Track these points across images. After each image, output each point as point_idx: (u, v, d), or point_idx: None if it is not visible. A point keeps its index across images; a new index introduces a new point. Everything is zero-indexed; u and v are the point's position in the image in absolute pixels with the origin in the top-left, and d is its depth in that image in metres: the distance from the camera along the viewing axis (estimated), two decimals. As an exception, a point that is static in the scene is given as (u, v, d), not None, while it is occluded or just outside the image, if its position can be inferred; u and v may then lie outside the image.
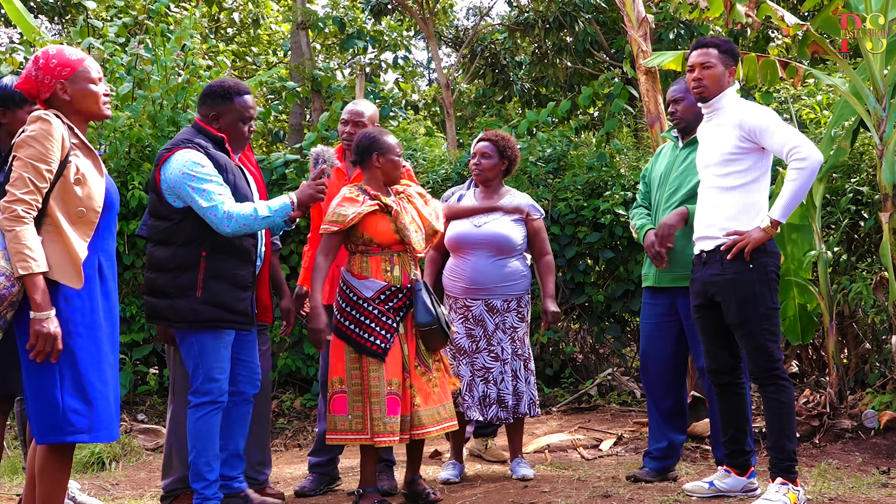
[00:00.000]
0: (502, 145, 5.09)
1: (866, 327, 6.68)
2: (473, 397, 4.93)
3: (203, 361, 4.05)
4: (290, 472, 5.68)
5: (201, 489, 4.03)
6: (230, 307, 4.07)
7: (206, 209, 3.94)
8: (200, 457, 4.04)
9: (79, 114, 3.39)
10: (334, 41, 15.48)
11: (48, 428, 3.16)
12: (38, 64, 3.35)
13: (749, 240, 4.06)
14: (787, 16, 5.32)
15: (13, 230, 3.10)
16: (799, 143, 4.05)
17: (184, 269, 4.02)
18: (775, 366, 4.10)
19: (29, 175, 3.15)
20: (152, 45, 7.89)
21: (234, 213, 3.95)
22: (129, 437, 6.39)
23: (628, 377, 7.92)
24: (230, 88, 4.23)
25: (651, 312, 4.89)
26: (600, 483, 4.71)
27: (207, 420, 4.05)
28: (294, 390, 7.79)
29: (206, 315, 4.01)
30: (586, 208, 7.36)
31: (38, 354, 3.12)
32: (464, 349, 4.96)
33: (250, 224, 3.99)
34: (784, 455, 4.04)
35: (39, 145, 3.18)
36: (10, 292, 3.11)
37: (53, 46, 3.44)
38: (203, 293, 4.01)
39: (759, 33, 11.36)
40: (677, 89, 4.91)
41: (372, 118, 5.04)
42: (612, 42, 12.97)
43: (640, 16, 6.48)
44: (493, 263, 4.95)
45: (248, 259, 4.17)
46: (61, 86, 3.34)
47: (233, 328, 4.12)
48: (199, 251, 4.02)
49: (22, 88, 3.38)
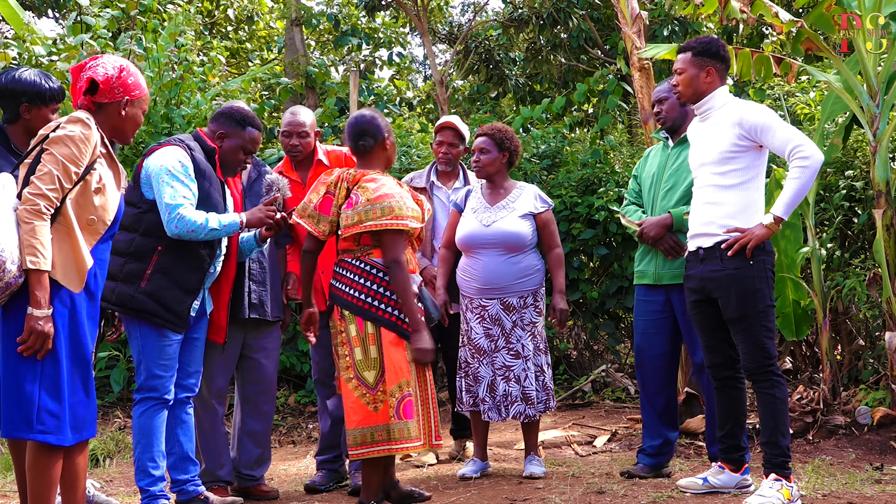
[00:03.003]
0: (500, 137, 5.03)
1: (860, 324, 6.70)
2: (495, 398, 4.91)
3: (145, 357, 4.14)
4: (283, 468, 5.68)
5: (147, 486, 4.09)
6: (167, 305, 4.14)
7: (165, 205, 4.08)
8: (145, 453, 4.11)
9: (117, 131, 3.47)
10: (329, 38, 15.46)
11: (19, 423, 3.15)
12: (120, 73, 3.43)
13: (751, 236, 4.07)
14: (780, 12, 5.32)
15: (31, 223, 3.12)
16: (802, 142, 4.06)
17: (136, 258, 4.14)
18: (770, 362, 4.11)
19: (58, 173, 3.18)
20: (144, 41, 7.86)
21: (186, 218, 4.07)
22: (123, 434, 6.38)
23: (622, 373, 7.93)
24: (246, 117, 4.41)
25: (646, 309, 4.90)
26: (594, 479, 4.72)
27: (151, 415, 4.12)
28: (288, 387, 7.79)
29: (142, 305, 4.10)
30: (580, 205, 7.36)
31: (26, 349, 3.12)
32: (483, 349, 4.92)
33: (196, 231, 4.10)
34: (778, 451, 4.05)
35: (75, 147, 3.22)
36: (16, 282, 3.12)
37: (132, 66, 3.53)
38: (147, 285, 4.11)
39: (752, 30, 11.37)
40: (661, 89, 4.96)
41: (313, 125, 4.98)
42: (607, 39, 12.98)
43: (633, 12, 6.48)
44: (505, 262, 4.91)
45: (200, 266, 4.25)
46: (126, 102, 3.43)
47: (164, 326, 4.15)
48: (156, 245, 4.14)
49: (98, 82, 3.40)
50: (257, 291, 4.66)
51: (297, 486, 5.02)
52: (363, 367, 4.09)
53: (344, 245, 4.24)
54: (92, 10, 8.17)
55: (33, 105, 3.88)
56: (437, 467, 5.40)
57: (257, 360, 4.77)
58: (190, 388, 4.34)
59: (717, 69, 4.29)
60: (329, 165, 4.89)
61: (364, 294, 4.13)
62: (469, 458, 5.22)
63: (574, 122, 10.53)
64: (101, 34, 7.86)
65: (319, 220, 4.21)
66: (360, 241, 4.19)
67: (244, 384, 4.80)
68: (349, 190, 4.19)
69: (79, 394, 3.25)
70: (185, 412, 4.33)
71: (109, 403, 7.18)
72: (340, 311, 4.18)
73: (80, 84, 3.41)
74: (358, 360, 4.10)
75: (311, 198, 4.25)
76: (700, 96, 4.29)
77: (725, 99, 4.29)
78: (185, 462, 4.31)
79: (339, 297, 4.18)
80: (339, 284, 4.20)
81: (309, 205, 4.23)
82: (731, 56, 4.78)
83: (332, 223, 4.21)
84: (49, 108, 3.92)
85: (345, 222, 4.15)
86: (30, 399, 3.14)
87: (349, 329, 4.13)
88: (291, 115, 4.95)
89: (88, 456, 3.43)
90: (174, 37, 7.93)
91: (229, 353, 4.64)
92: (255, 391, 4.79)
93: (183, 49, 7.91)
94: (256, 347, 4.76)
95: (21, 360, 3.15)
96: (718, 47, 4.32)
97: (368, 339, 4.11)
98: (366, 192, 4.14)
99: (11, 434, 3.19)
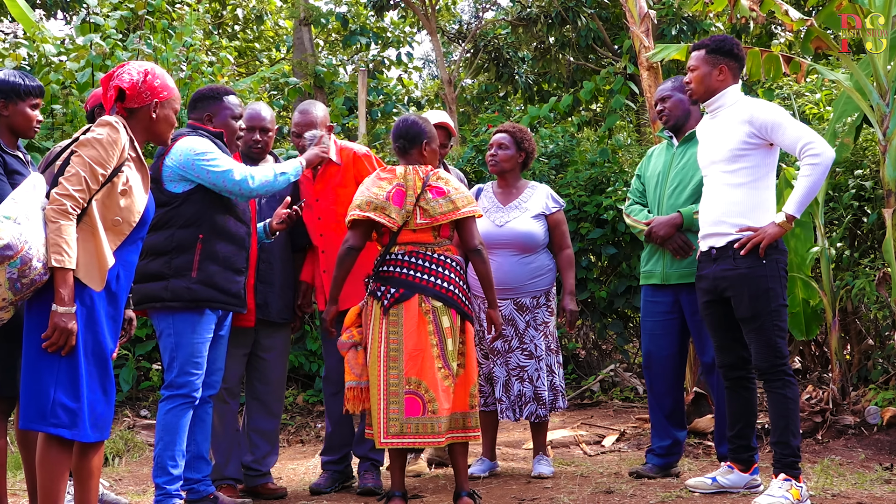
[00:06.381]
0: (520, 137, 5.05)
1: (869, 323, 6.68)
2: (510, 398, 4.92)
3: (180, 354, 4.12)
4: (292, 467, 5.69)
5: (163, 483, 4.07)
6: (224, 288, 4.19)
7: (223, 174, 4.11)
8: (166, 450, 4.09)
9: (152, 134, 3.52)
10: (337, 37, 15.47)
11: (34, 415, 3.21)
12: (146, 77, 3.47)
13: (764, 235, 4.06)
14: (790, 10, 5.31)
15: (58, 223, 3.18)
16: (813, 140, 4.05)
17: (180, 251, 4.15)
18: (782, 361, 4.10)
19: (85, 175, 3.23)
20: (153, 41, 7.87)
21: (254, 173, 4.17)
22: (132, 433, 6.39)
23: (631, 373, 7.92)
24: (217, 89, 4.46)
25: (653, 310, 4.89)
26: (603, 479, 4.71)
27: (177, 414, 4.11)
28: (297, 386, 7.80)
29: (202, 295, 4.12)
30: (588, 204, 7.36)
31: (50, 346, 3.17)
32: (497, 349, 4.93)
33: (272, 181, 4.23)
34: (788, 451, 4.04)
35: (102, 150, 3.27)
36: (41, 279, 3.18)
37: (158, 67, 3.56)
38: (198, 274, 4.13)
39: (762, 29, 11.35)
40: (665, 88, 4.96)
41: (324, 121, 4.83)
42: (615, 38, 12.97)
43: (642, 11, 6.47)
44: (518, 262, 4.91)
45: (242, 245, 4.31)
46: (155, 104, 3.47)
47: (226, 309, 4.24)
48: (197, 234, 4.16)
49: (124, 90, 3.43)
50: (263, 291, 4.66)
51: (305, 486, 5.02)
52: (453, 357, 4.16)
53: (414, 237, 4.21)
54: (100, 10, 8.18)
55: (9, 101, 3.91)
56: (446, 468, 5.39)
57: (266, 359, 4.79)
58: (213, 385, 4.34)
59: (730, 67, 4.28)
60: (340, 164, 4.84)
61: (455, 287, 4.22)
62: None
63: (582, 122, 10.53)
64: (110, 34, 7.87)
65: (392, 211, 4.15)
66: (441, 232, 4.24)
67: (253, 382, 4.82)
68: (425, 181, 4.20)
69: (97, 392, 3.30)
70: (205, 412, 4.34)
71: (118, 403, 7.19)
72: (422, 301, 4.14)
73: (109, 93, 3.46)
74: (450, 351, 4.14)
75: (375, 192, 4.18)
76: (712, 94, 4.29)
77: (736, 97, 4.28)
78: (198, 461, 4.31)
79: (428, 288, 4.16)
80: (425, 275, 4.17)
81: (376, 198, 4.15)
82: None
83: (404, 214, 4.17)
84: (27, 102, 3.94)
85: (438, 210, 4.16)
86: (45, 392, 3.19)
87: (441, 320, 4.15)
88: (301, 113, 4.87)
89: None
90: (182, 37, 7.94)
91: (240, 351, 4.65)
92: (264, 390, 4.81)
93: (191, 49, 7.92)
94: (266, 347, 4.78)
95: (40, 355, 3.20)
96: (732, 45, 4.31)
97: (457, 332, 4.20)
98: (447, 182, 4.24)
99: (27, 425, 3.24)
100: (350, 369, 4.23)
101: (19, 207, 3.20)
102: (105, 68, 7.29)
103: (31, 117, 3.96)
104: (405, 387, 4.08)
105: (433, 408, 4.07)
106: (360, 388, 4.21)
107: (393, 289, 4.14)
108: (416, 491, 4.66)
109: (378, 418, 4.11)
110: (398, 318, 4.14)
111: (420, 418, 4.07)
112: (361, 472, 4.80)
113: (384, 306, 4.15)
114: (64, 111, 7.25)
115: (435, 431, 4.09)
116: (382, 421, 4.09)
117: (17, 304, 3.23)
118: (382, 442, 4.11)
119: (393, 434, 4.08)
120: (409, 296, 4.14)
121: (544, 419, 4.96)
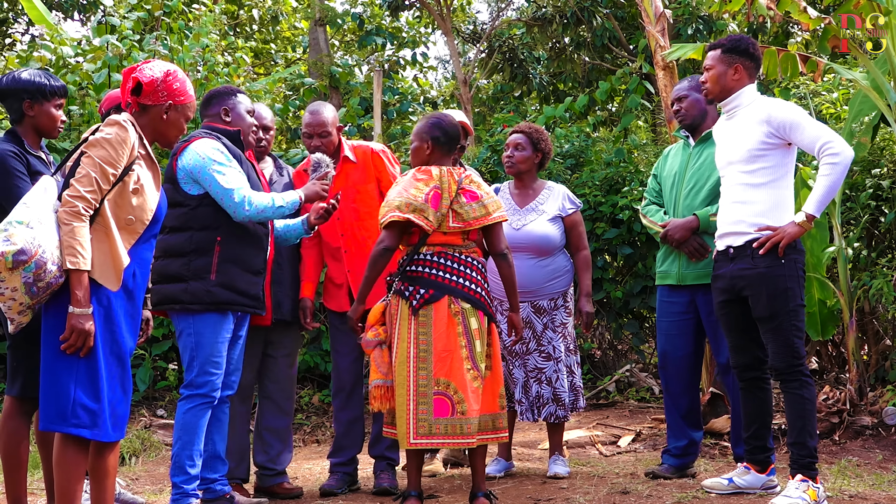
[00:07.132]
0: (536, 137, 5.03)
1: (887, 323, 6.64)
2: (529, 399, 4.92)
3: (199, 353, 4.13)
4: (308, 467, 5.70)
5: (181, 482, 4.08)
6: (243, 290, 4.19)
7: (225, 192, 4.07)
8: (185, 450, 4.10)
9: (158, 135, 3.52)
10: (353, 38, 15.50)
11: (54, 416, 3.22)
12: (166, 77, 3.47)
13: (784, 234, 4.04)
14: (808, 9, 5.28)
15: (71, 225, 3.19)
16: (832, 139, 4.03)
17: (199, 254, 4.14)
18: (800, 362, 4.08)
19: (96, 175, 3.23)
20: (169, 42, 7.91)
21: (252, 199, 4.10)
22: (149, 433, 6.42)
23: (646, 373, 7.90)
24: (229, 87, 4.46)
25: (669, 311, 4.87)
26: (619, 479, 4.71)
27: (197, 413, 4.12)
28: (312, 386, 7.81)
29: (221, 297, 4.13)
30: (604, 204, 7.34)
31: (69, 347, 3.19)
32: (515, 351, 4.93)
33: (266, 211, 4.15)
34: (805, 452, 4.02)
35: (112, 149, 3.27)
36: (57, 282, 3.19)
37: (181, 72, 3.57)
38: (217, 276, 4.13)
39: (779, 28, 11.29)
40: (681, 87, 4.94)
41: (334, 122, 4.82)
42: (631, 38, 12.93)
43: (657, 11, 6.46)
44: (535, 265, 4.90)
45: (261, 246, 4.31)
46: (169, 106, 3.47)
47: (245, 311, 4.24)
48: (215, 236, 4.15)
49: (143, 84, 3.43)
50: (275, 292, 4.67)
51: (320, 486, 5.03)
52: (481, 359, 4.16)
53: (444, 239, 4.19)
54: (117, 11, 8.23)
55: (35, 101, 3.93)
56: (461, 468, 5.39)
57: (277, 359, 4.81)
58: (231, 385, 4.35)
59: (746, 67, 4.26)
60: (356, 161, 4.85)
61: (481, 289, 4.22)
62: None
63: (598, 122, 10.50)
64: (127, 35, 7.92)
65: (430, 214, 4.12)
66: (470, 235, 4.24)
67: (264, 381, 4.84)
68: (458, 184, 4.20)
69: (116, 391, 3.31)
70: (222, 412, 4.35)
71: (134, 402, 7.21)
72: (452, 303, 4.13)
73: (128, 84, 3.46)
74: (478, 353, 4.14)
75: (413, 193, 4.13)
76: (727, 93, 4.27)
77: (753, 97, 4.26)
78: (215, 461, 4.33)
79: (458, 289, 4.14)
80: (454, 277, 4.16)
81: (415, 200, 4.11)
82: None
83: (440, 217, 4.15)
84: (52, 102, 3.97)
85: (471, 214, 4.17)
86: (65, 394, 3.21)
87: (469, 322, 4.13)
88: (310, 114, 4.84)
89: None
90: (199, 37, 7.97)
91: (252, 351, 4.66)
92: (275, 388, 4.83)
93: (207, 50, 7.95)
94: (276, 345, 4.80)
95: (59, 357, 3.21)
96: (748, 45, 4.30)
97: (485, 333, 4.20)
98: (479, 186, 4.26)
99: (48, 427, 3.26)
100: (377, 368, 4.19)
101: (31, 212, 3.20)
102: (122, 69, 7.33)
103: (55, 117, 3.99)
104: (434, 388, 4.06)
105: (462, 409, 4.06)
106: (387, 386, 4.17)
107: (422, 289, 4.12)
108: (432, 491, 4.67)
109: (407, 419, 4.06)
110: (427, 319, 4.11)
111: (449, 419, 4.06)
112: (377, 472, 4.80)
113: (413, 307, 4.13)
114: (81, 112, 7.29)
115: (464, 432, 4.07)
116: (412, 422, 4.05)
117: (34, 307, 3.24)
118: (412, 443, 4.07)
119: (422, 435, 4.06)
120: (439, 297, 4.12)
121: (564, 419, 4.96)
